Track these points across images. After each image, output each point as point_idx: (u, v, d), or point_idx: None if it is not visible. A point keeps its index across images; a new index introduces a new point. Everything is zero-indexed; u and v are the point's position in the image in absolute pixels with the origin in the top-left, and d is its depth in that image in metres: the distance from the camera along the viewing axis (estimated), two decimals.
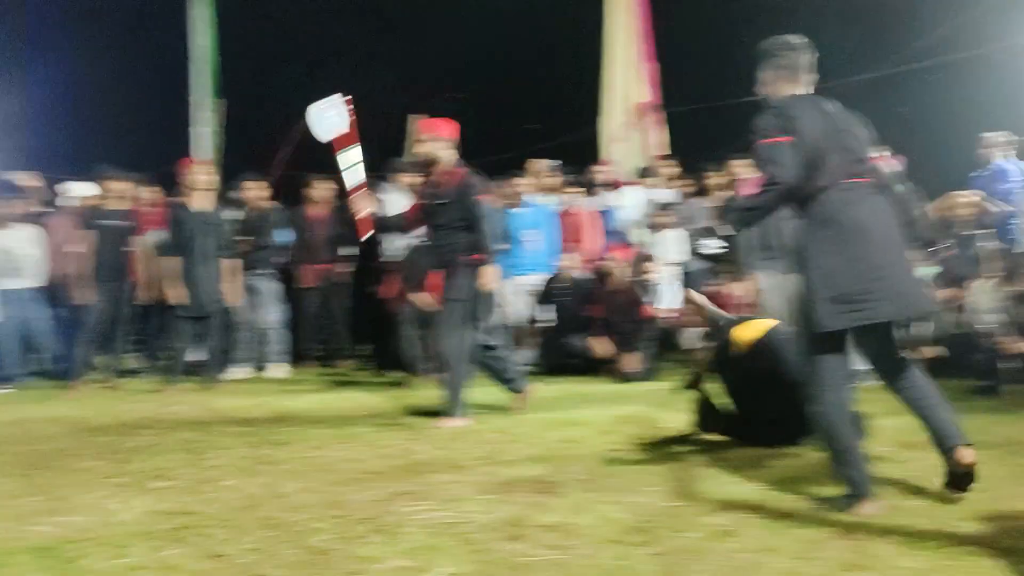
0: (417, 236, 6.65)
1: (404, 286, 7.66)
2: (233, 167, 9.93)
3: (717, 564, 2.80)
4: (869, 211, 3.31)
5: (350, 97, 7.15)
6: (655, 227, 8.82)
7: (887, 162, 5.84)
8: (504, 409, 6.02)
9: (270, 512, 3.40)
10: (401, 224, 6.17)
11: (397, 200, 7.71)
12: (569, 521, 3.27)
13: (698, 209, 8.96)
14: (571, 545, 2.99)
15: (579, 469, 4.18)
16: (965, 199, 7.70)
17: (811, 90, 3.59)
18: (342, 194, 8.06)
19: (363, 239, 7.77)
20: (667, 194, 9.13)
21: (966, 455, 3.30)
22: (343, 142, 7.20)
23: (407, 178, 7.86)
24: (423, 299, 6.25)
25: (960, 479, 3.37)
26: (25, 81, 13.91)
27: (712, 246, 8.51)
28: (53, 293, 8.13)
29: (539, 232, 8.40)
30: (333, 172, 7.67)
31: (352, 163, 7.23)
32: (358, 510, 3.42)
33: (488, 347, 5.89)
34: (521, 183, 8.60)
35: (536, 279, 8.44)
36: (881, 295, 3.22)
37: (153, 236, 8.10)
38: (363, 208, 6.64)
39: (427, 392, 6.63)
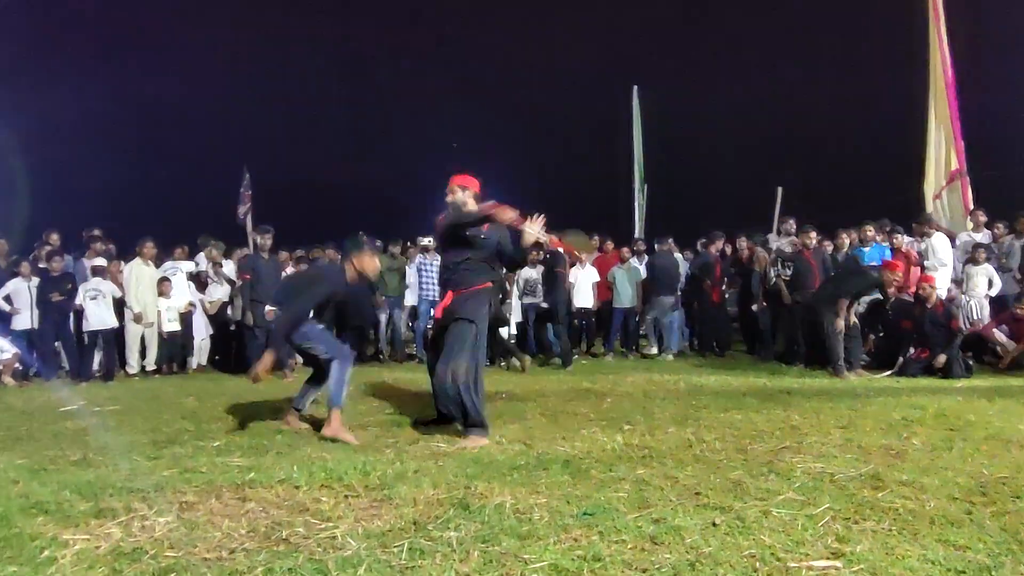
0: None
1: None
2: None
3: None
4: None
5: None
6: (971, 262, 9.21)
7: None
8: (857, 395, 6.26)
9: (699, 452, 4.06)
10: None
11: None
12: (919, 479, 3.42)
13: (1010, 247, 9.34)
14: (923, 498, 3.13)
15: (919, 443, 4.27)
16: None
17: None
18: None
19: None
20: (980, 236, 9.71)
21: None
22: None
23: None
24: None
25: None
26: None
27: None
28: None
29: (876, 262, 9.08)
30: None
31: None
32: (758, 456, 3.94)
33: None
34: (869, 230, 9.47)
35: (869, 297, 8.91)
36: None
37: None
38: None
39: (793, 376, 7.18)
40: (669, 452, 4.07)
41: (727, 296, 11.01)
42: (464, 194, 4.95)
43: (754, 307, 9.98)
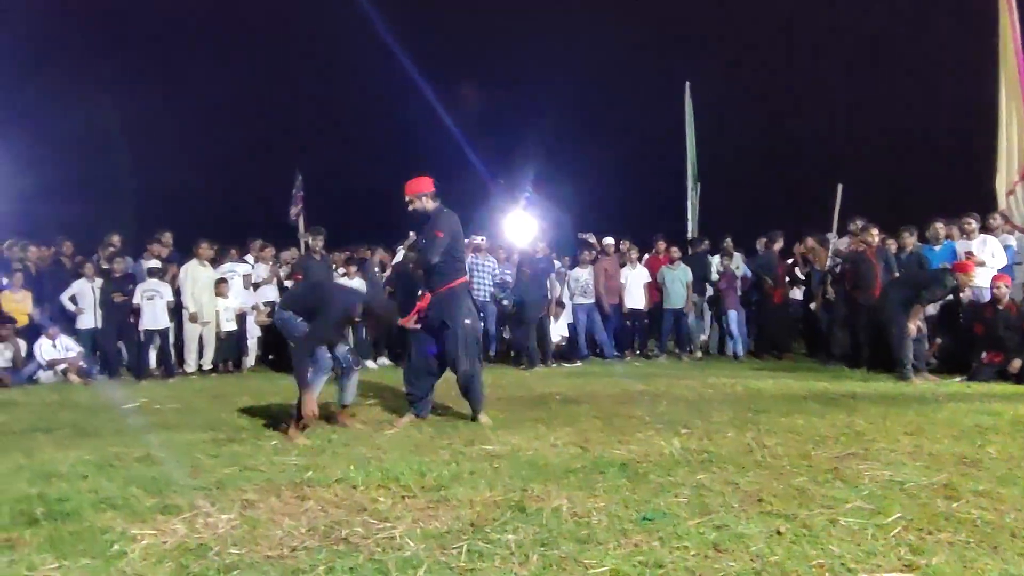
0: None
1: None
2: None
3: None
4: None
5: None
6: None
7: None
8: (925, 400, 6.04)
9: (760, 457, 3.99)
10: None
11: None
12: (996, 490, 3.29)
13: None
14: (1001, 509, 3.01)
15: (994, 451, 4.11)
16: None
17: None
18: None
19: None
20: None
21: None
22: None
23: None
24: None
25: None
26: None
27: None
28: None
29: (947, 263, 8.73)
30: None
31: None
32: (822, 463, 3.84)
33: None
34: (940, 227, 9.18)
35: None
36: None
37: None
38: None
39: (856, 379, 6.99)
40: (729, 457, 4.00)
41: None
42: (421, 200, 5.40)
43: (812, 306, 9.83)
